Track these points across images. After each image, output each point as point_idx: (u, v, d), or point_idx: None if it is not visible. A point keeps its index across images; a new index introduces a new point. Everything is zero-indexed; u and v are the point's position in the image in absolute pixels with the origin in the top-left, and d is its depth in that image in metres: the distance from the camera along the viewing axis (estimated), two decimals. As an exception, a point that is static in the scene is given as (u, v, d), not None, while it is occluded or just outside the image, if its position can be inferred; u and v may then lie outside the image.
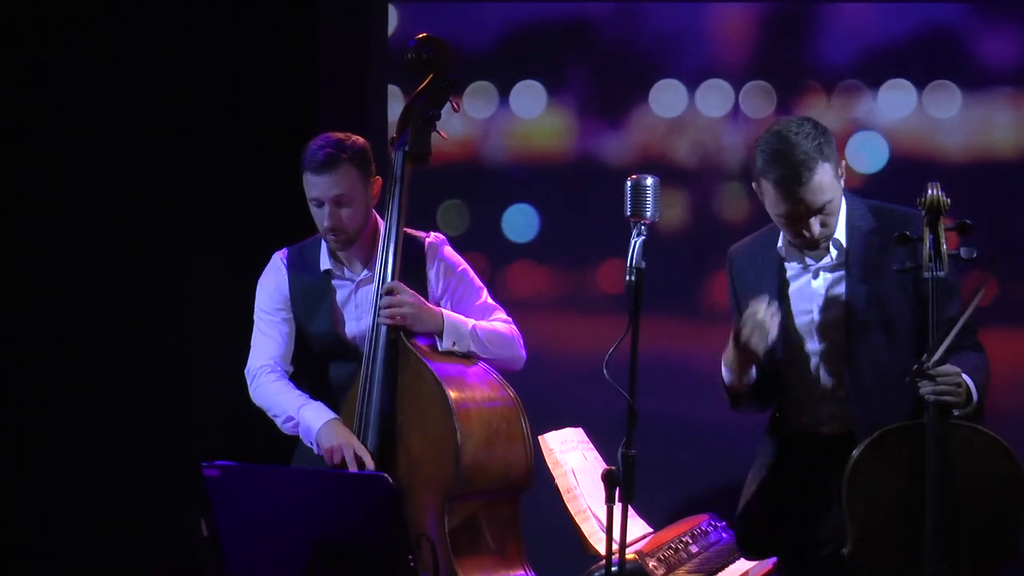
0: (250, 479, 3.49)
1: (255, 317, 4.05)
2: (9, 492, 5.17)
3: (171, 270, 5.19)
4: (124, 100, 5.17)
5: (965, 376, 3.46)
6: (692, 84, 4.95)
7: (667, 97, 4.99)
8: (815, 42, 4.88)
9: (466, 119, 4.59)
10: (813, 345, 3.65)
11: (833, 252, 3.63)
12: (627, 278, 3.26)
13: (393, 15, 5.14)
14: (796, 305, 3.66)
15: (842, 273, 3.63)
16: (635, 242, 3.28)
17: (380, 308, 3.82)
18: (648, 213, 3.29)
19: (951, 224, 3.48)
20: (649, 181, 3.30)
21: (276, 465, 3.86)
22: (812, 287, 3.65)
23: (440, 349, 3.86)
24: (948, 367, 3.42)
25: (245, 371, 4.04)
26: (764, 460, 3.73)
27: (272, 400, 3.98)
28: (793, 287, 3.67)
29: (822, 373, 3.65)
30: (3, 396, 5.16)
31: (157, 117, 5.17)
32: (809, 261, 3.65)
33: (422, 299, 3.87)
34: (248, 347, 4.07)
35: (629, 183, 3.31)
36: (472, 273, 4.02)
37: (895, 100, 4.80)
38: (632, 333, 3.23)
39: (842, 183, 3.61)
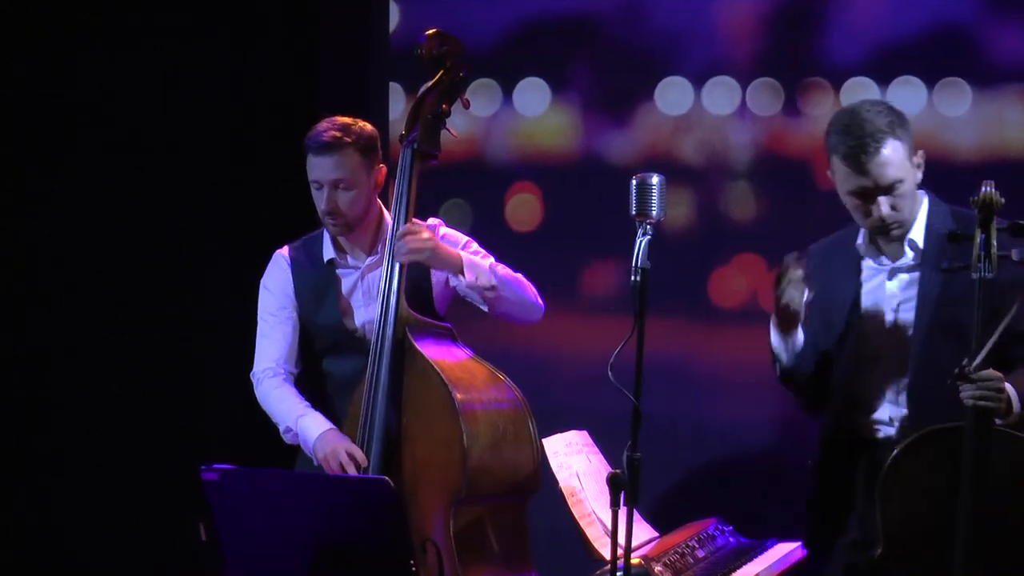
0: (249, 483, 3.48)
1: (259, 319, 4.04)
2: (6, 493, 5.18)
3: (171, 270, 5.20)
4: (123, 99, 5.18)
5: (1008, 385, 3.41)
6: (698, 81, 4.91)
7: (673, 94, 4.95)
8: (823, 38, 4.84)
9: (469, 117, 4.59)
10: (881, 346, 3.63)
11: (910, 253, 3.63)
12: (632, 278, 3.25)
13: (395, 12, 5.13)
14: (869, 305, 3.65)
15: (917, 275, 3.61)
16: (640, 242, 3.26)
17: (396, 241, 3.79)
18: (653, 212, 3.28)
19: (1004, 225, 3.45)
20: (654, 180, 3.28)
21: (276, 469, 3.84)
22: (886, 288, 3.64)
23: (464, 283, 3.83)
24: (990, 372, 3.37)
25: (251, 375, 4.02)
26: (821, 462, 3.72)
27: (273, 409, 3.98)
28: (867, 287, 3.66)
29: (887, 375, 3.63)
30: (2, 396, 5.17)
31: (157, 116, 5.18)
32: (885, 261, 3.65)
33: (439, 240, 3.85)
34: (250, 347, 4.05)
35: (634, 182, 3.30)
36: (477, 244, 4.01)
37: (905, 97, 4.73)
38: (637, 334, 3.22)
39: (918, 174, 3.60)
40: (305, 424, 3.88)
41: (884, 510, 3.40)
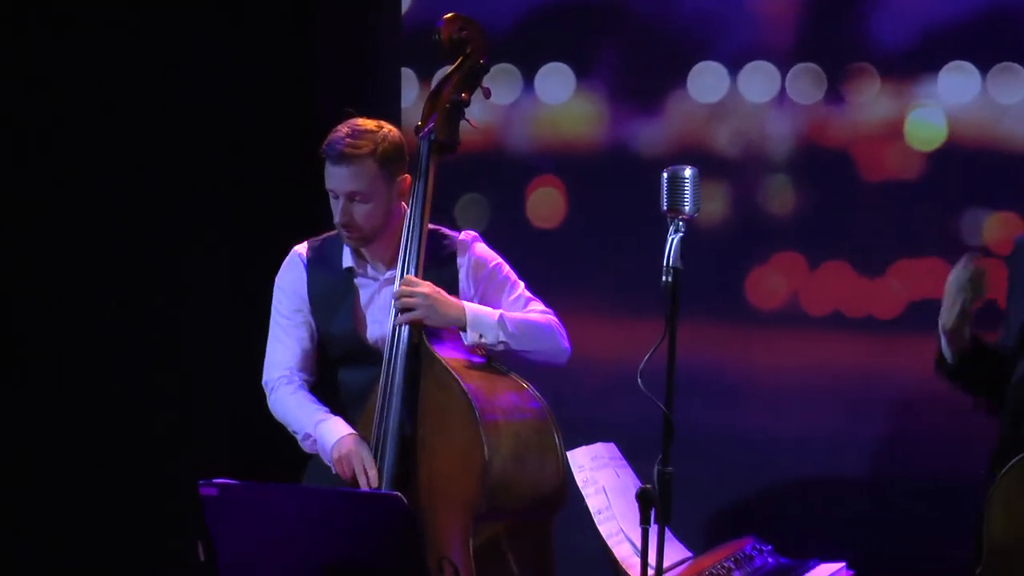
0: (251, 498, 3.39)
1: (271, 321, 3.97)
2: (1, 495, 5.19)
3: (172, 270, 5.21)
4: (123, 97, 5.19)
5: None
6: (734, 67, 4.84)
7: (707, 81, 4.88)
8: (869, 21, 4.75)
9: (487, 105, 4.53)
10: None
11: None
12: (663, 279, 3.17)
13: (408, -7, 5.23)
14: None
15: None
16: (672, 239, 3.19)
17: (394, 302, 3.75)
18: (686, 208, 3.20)
19: None
20: (687, 173, 3.21)
21: (279, 483, 3.73)
22: None
23: (466, 344, 3.77)
24: None
25: (262, 383, 3.95)
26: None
27: (290, 415, 3.91)
28: None
29: None
30: (1, 396, 5.17)
31: (157, 116, 5.20)
32: None
33: (440, 291, 3.76)
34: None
35: (665, 175, 3.21)
36: (507, 268, 3.94)
37: (957, 84, 4.66)
38: (669, 339, 3.15)
39: None
40: (325, 429, 3.81)
41: (989, 528, 3.26)
